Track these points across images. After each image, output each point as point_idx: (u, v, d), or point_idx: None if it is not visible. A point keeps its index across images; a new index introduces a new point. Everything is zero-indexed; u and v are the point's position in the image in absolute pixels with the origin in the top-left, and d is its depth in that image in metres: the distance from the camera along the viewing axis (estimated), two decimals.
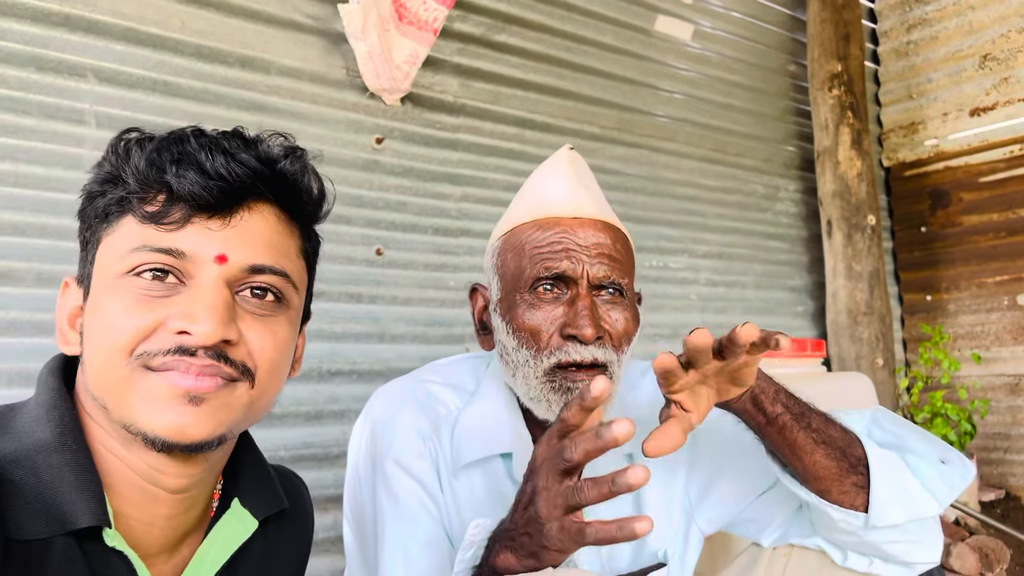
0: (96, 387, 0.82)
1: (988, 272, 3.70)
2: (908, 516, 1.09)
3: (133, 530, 0.85)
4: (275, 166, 0.87)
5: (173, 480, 0.86)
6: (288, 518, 1.04)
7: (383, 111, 2.44)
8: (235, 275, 0.84)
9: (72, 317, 0.88)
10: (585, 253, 1.14)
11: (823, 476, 1.08)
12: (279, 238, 0.89)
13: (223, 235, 0.83)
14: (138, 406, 0.80)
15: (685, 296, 3.22)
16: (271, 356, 0.86)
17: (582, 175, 1.23)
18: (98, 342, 0.81)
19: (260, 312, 0.86)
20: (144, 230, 0.82)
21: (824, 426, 1.08)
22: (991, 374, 3.66)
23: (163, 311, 0.80)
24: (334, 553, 2.15)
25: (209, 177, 0.81)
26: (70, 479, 0.80)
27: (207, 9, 2.14)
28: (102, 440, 0.85)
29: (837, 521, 1.11)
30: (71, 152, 1.90)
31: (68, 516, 0.78)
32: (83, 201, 0.87)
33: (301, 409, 2.19)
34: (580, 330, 1.10)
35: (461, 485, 1.21)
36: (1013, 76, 3.62)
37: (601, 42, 3.03)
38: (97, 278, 0.84)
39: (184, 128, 0.88)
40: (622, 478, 0.80)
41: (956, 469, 1.12)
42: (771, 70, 3.70)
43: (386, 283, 2.39)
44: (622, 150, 3.06)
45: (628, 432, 0.80)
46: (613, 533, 0.82)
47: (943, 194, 3.87)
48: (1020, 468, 3.55)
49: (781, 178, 3.69)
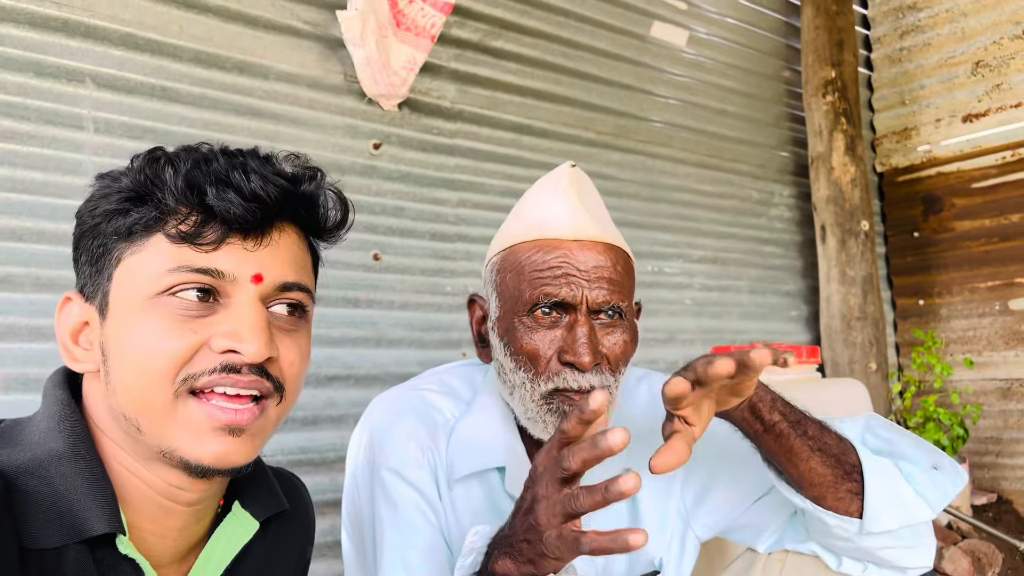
0: (131, 409, 0.82)
1: (980, 277, 3.73)
2: (901, 522, 1.10)
3: (146, 542, 0.86)
4: (300, 186, 0.88)
5: (190, 495, 0.88)
6: (288, 519, 1.05)
7: (380, 116, 2.45)
8: (268, 293, 0.85)
9: (76, 333, 0.87)
10: (584, 278, 1.14)
11: (818, 483, 1.10)
12: (302, 255, 0.91)
13: (258, 255, 0.84)
14: (179, 434, 0.82)
15: (680, 301, 3.23)
16: (299, 369, 0.90)
17: (584, 194, 1.22)
18: (134, 364, 0.81)
19: (287, 327, 0.88)
20: (179, 250, 0.82)
21: (820, 434, 1.09)
22: (983, 379, 3.69)
23: (205, 331, 0.81)
24: (331, 558, 2.16)
25: (247, 199, 0.82)
26: (84, 488, 0.81)
27: (205, 15, 2.14)
28: (115, 455, 0.86)
29: (832, 527, 1.13)
30: (69, 157, 1.90)
31: (82, 524, 0.79)
32: (93, 218, 0.86)
33: (298, 414, 2.19)
34: (578, 358, 1.11)
35: (458, 496, 1.22)
36: (1005, 83, 3.65)
37: (597, 48, 3.04)
38: (122, 298, 0.83)
39: (203, 145, 0.89)
40: (614, 486, 0.81)
41: (948, 475, 1.13)
42: (765, 76, 3.73)
43: (383, 288, 2.40)
44: (618, 155, 3.08)
45: (623, 440, 0.81)
46: (608, 544, 0.83)
47: (936, 199, 3.90)
48: (1012, 472, 3.57)
49: (775, 183, 3.71)
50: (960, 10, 3.81)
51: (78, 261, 0.88)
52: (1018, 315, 3.60)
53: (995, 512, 3.49)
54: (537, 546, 0.89)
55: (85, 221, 0.87)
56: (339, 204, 0.94)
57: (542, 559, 0.89)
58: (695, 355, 3.09)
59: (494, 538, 0.99)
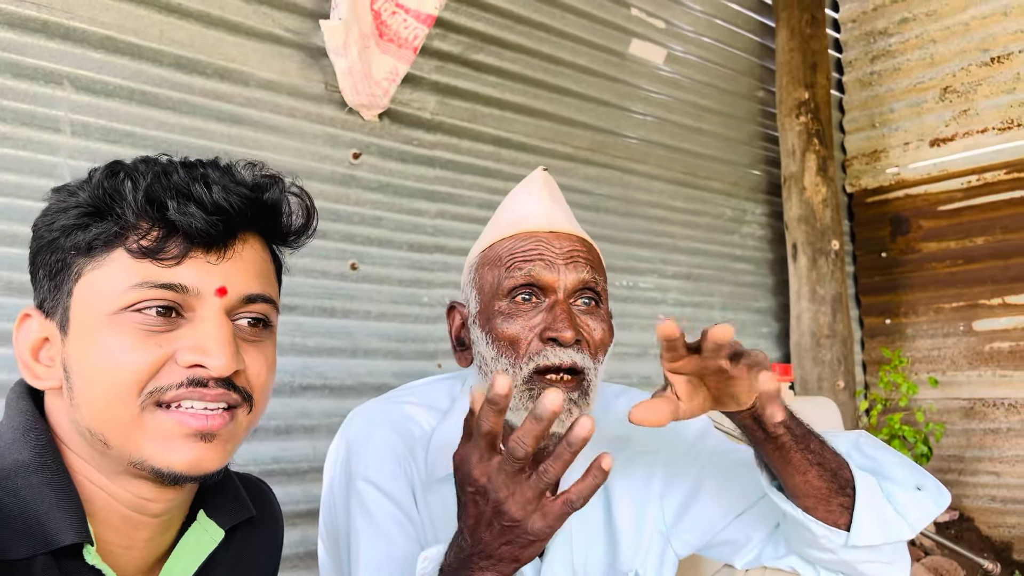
0: (97, 424, 0.81)
1: (945, 298, 3.81)
2: (886, 538, 1.13)
3: (112, 554, 0.86)
4: (262, 195, 0.88)
5: (157, 506, 0.87)
6: (256, 525, 1.04)
7: (360, 126, 2.45)
8: (233, 305, 0.85)
9: (36, 350, 0.86)
10: (561, 259, 1.18)
11: (812, 495, 1.12)
12: (265, 265, 0.91)
13: (221, 268, 0.84)
14: (148, 445, 0.81)
15: (654, 316, 3.26)
16: (265, 380, 0.90)
17: (555, 194, 1.28)
18: (98, 379, 0.81)
19: (252, 338, 0.88)
20: (141, 266, 0.81)
21: (820, 448, 1.11)
22: (947, 397, 3.76)
23: (170, 345, 0.81)
24: (302, 569, 2.14)
25: (209, 212, 0.81)
26: (51, 498, 0.80)
27: (186, 20, 2.13)
28: (80, 469, 0.85)
29: (818, 537, 1.14)
30: (45, 160, 1.88)
31: (50, 535, 0.78)
32: (51, 232, 0.84)
33: (271, 424, 2.18)
34: (560, 332, 1.13)
35: (435, 501, 1.23)
36: (972, 109, 3.75)
37: (577, 64, 3.07)
38: (84, 314, 0.82)
39: (161, 156, 0.88)
40: (572, 434, 0.82)
41: (931, 496, 1.16)
42: (741, 96, 3.78)
43: (360, 298, 2.39)
44: (595, 171, 3.11)
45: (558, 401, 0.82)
46: (590, 484, 0.85)
47: (903, 221, 3.98)
48: (974, 490, 3.64)
49: (748, 201, 3.76)
50: (930, 37, 3.90)
51: (36, 276, 0.87)
52: (981, 336, 3.68)
53: (957, 529, 3.55)
54: (522, 539, 0.89)
55: (42, 236, 0.85)
56: (302, 208, 0.94)
57: (530, 547, 0.90)
58: None
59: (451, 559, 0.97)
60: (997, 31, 3.67)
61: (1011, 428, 3.57)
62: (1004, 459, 3.58)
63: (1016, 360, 3.56)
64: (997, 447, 3.60)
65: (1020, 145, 3.60)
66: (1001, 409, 3.61)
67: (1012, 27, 3.62)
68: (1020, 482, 3.52)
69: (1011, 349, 3.58)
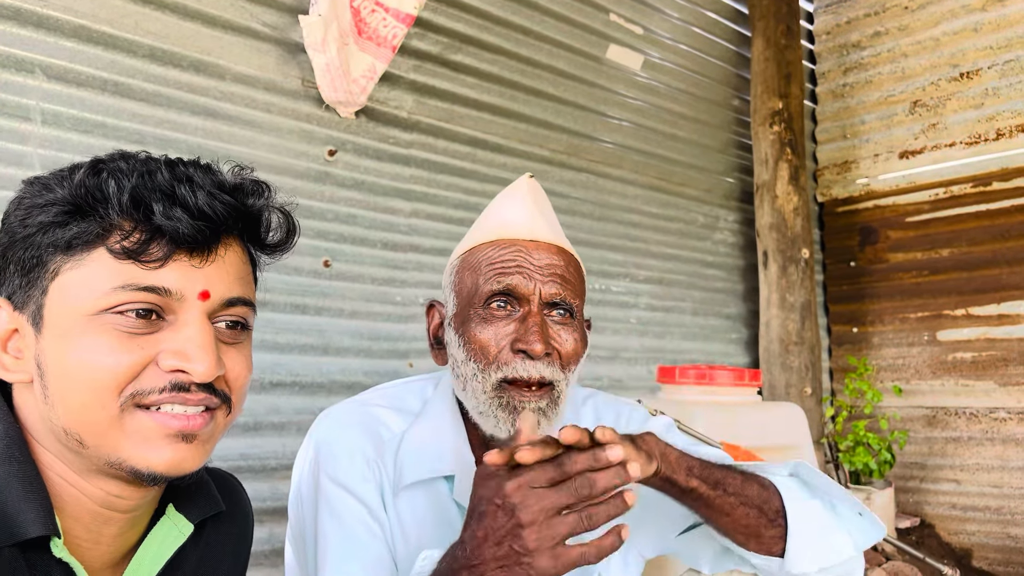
0: (73, 424, 0.81)
1: (911, 308, 3.87)
2: (822, 563, 1.15)
3: (79, 548, 0.85)
4: (247, 200, 0.88)
5: (128, 502, 0.87)
6: (225, 519, 1.04)
7: (337, 123, 2.44)
8: (214, 309, 0.85)
9: (5, 341, 0.84)
10: (539, 272, 1.18)
11: (742, 531, 1.13)
12: (244, 268, 0.91)
13: (204, 272, 0.83)
14: (127, 445, 0.81)
15: (625, 319, 3.28)
16: (244, 381, 0.90)
17: (540, 202, 1.28)
18: (75, 380, 0.80)
19: (231, 340, 0.88)
20: (124, 267, 0.80)
21: (741, 487, 1.12)
22: (910, 406, 3.83)
23: (152, 348, 0.81)
24: (268, 567, 2.13)
25: (195, 216, 0.81)
26: (18, 490, 0.79)
27: (162, 11, 2.11)
28: (50, 464, 0.84)
29: (758, 566, 1.17)
30: (14, 149, 1.85)
31: (16, 527, 0.77)
32: (25, 227, 0.82)
33: (240, 420, 2.16)
34: (530, 345, 1.14)
35: (404, 506, 1.22)
36: (941, 123, 3.82)
37: (554, 67, 3.09)
38: (61, 313, 0.81)
39: (141, 153, 0.87)
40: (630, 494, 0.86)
41: (870, 521, 1.19)
42: (715, 103, 3.82)
43: (332, 295, 2.38)
44: (570, 174, 3.12)
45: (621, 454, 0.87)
46: (608, 544, 0.87)
47: (872, 231, 4.04)
48: (935, 497, 3.71)
49: (721, 208, 3.80)
50: (901, 51, 3.97)
51: (5, 269, 0.84)
52: (945, 346, 3.75)
53: (918, 535, 3.62)
54: (521, 570, 0.89)
55: (15, 230, 0.83)
56: (284, 224, 0.94)
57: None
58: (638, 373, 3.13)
59: (443, 566, 0.97)
60: (967, 47, 3.74)
61: (972, 437, 3.64)
62: (965, 467, 3.65)
63: (978, 370, 3.63)
64: (958, 455, 3.67)
65: (987, 159, 3.67)
66: (963, 418, 3.68)
67: (982, 43, 3.69)
68: (980, 490, 3.59)
69: (973, 359, 3.65)
